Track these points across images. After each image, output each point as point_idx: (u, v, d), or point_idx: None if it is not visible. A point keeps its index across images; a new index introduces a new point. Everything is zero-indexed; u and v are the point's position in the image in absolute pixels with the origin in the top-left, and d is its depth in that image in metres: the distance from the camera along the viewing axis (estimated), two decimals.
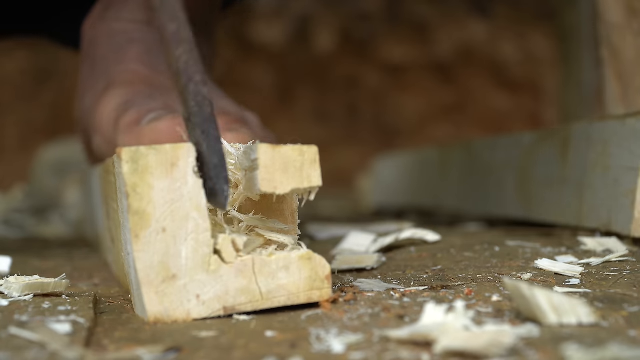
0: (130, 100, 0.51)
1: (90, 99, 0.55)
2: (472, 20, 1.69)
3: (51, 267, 0.54)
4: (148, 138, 0.47)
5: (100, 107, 0.52)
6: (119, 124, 0.49)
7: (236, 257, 0.35)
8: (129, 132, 0.48)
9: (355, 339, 0.30)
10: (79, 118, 0.59)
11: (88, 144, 0.59)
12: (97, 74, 0.56)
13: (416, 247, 0.54)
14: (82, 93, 0.58)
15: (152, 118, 0.48)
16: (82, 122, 0.58)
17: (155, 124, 0.47)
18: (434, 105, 1.70)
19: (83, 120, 0.57)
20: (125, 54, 0.55)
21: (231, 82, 1.54)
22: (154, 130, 0.47)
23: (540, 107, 1.68)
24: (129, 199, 0.34)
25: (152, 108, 0.49)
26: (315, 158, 0.37)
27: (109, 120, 0.51)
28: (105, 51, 0.57)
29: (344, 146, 1.67)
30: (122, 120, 0.49)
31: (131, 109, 0.50)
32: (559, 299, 0.32)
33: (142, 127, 0.47)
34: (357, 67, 1.71)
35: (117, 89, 0.53)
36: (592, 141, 0.54)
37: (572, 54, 0.91)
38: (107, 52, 0.57)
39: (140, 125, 0.48)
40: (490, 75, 1.70)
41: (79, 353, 0.29)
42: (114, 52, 0.56)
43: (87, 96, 0.56)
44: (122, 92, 0.52)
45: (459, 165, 0.79)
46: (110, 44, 0.57)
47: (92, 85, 0.56)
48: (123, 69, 0.54)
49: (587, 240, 0.50)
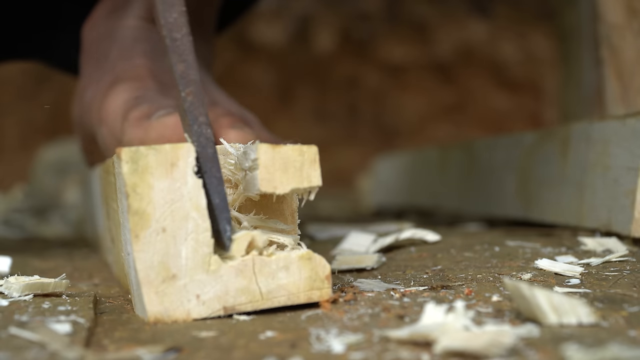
0: (141, 95, 0.51)
1: (93, 94, 0.55)
2: (472, 20, 1.69)
3: (51, 267, 0.54)
4: (156, 132, 0.47)
5: (108, 100, 0.52)
6: (128, 117, 0.49)
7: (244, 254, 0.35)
8: (137, 125, 0.48)
9: (355, 339, 0.30)
10: (77, 117, 0.59)
11: (86, 144, 0.59)
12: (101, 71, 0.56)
13: (416, 247, 0.54)
14: (83, 90, 0.58)
15: (162, 114, 0.48)
16: (83, 119, 0.57)
17: (164, 119, 0.47)
18: (434, 105, 1.70)
19: (84, 116, 0.57)
20: (131, 50, 0.56)
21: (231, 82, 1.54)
22: (162, 125, 0.47)
23: (540, 107, 1.68)
24: (128, 199, 0.34)
25: (163, 105, 0.50)
26: (315, 158, 0.37)
27: (117, 113, 0.51)
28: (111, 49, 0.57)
29: (344, 146, 1.67)
30: (131, 114, 0.49)
31: (142, 104, 0.50)
32: (559, 299, 0.32)
33: (151, 122, 0.48)
34: (357, 67, 1.71)
35: (125, 84, 0.53)
36: (592, 141, 0.54)
37: (572, 54, 0.91)
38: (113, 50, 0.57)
39: (150, 120, 0.48)
40: (490, 75, 1.70)
41: (79, 353, 0.29)
42: (120, 50, 0.56)
43: (88, 92, 0.56)
44: (132, 87, 0.52)
45: (459, 165, 0.79)
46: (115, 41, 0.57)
47: (96, 81, 0.56)
48: (131, 65, 0.54)
49: (587, 241, 0.50)
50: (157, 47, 0.56)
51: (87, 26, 0.61)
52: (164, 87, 0.53)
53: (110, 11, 0.59)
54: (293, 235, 0.38)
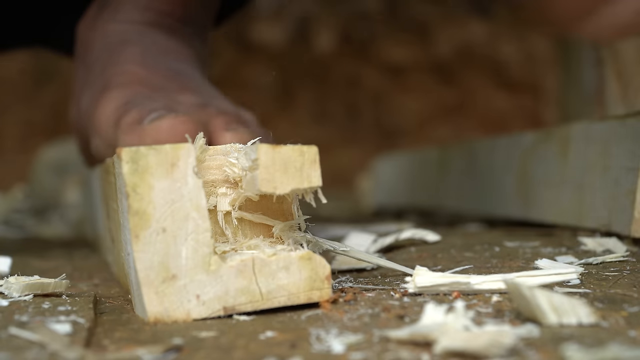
0: (131, 101, 0.51)
1: (87, 101, 0.55)
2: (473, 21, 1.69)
3: (51, 267, 0.54)
4: (150, 137, 0.47)
5: (99, 109, 0.52)
6: (120, 124, 0.49)
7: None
8: (130, 131, 0.48)
9: (355, 339, 0.30)
10: (75, 121, 0.59)
11: (85, 147, 0.59)
12: (92, 76, 0.56)
13: (416, 247, 0.54)
14: (79, 95, 0.58)
15: (154, 117, 0.48)
16: (79, 125, 0.57)
17: (158, 123, 0.47)
18: (434, 106, 1.70)
19: (80, 122, 0.57)
20: (120, 55, 0.55)
21: (231, 82, 1.54)
22: (156, 129, 0.47)
23: (540, 107, 1.68)
24: (129, 199, 0.34)
25: (154, 108, 0.49)
26: (315, 158, 0.37)
27: (109, 121, 0.51)
28: (100, 53, 0.57)
29: (344, 146, 1.67)
30: (123, 120, 0.49)
31: (132, 109, 0.49)
32: (559, 299, 0.32)
33: (144, 127, 0.47)
34: (357, 67, 1.71)
35: (115, 91, 0.52)
36: (592, 141, 0.54)
37: (572, 54, 0.91)
38: (102, 54, 0.56)
39: (142, 125, 0.48)
40: (490, 76, 1.70)
41: (79, 353, 0.29)
42: (109, 54, 0.56)
43: (83, 98, 0.56)
44: (121, 94, 0.52)
45: (459, 165, 0.79)
46: (105, 45, 0.57)
47: (89, 87, 0.56)
48: (119, 71, 0.54)
49: (587, 241, 0.50)
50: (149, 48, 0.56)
51: (81, 26, 0.60)
52: (154, 91, 0.53)
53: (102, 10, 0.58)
54: (293, 235, 0.38)
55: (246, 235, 0.39)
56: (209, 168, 0.38)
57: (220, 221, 0.38)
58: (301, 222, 0.39)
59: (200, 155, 0.37)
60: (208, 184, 0.38)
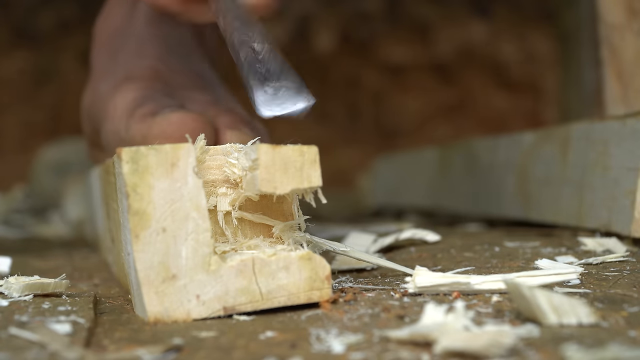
0: (149, 95, 0.52)
1: (106, 87, 0.56)
2: (473, 21, 1.69)
3: (51, 267, 0.54)
4: (158, 128, 0.48)
5: (117, 96, 0.54)
6: (134, 114, 0.50)
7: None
8: (142, 121, 0.49)
9: (355, 339, 0.30)
10: (88, 104, 0.60)
11: (92, 133, 0.60)
12: (116, 64, 0.57)
13: (416, 247, 0.54)
14: (98, 80, 0.59)
15: (167, 111, 0.49)
16: (93, 108, 0.58)
17: (168, 116, 0.48)
18: (434, 106, 1.70)
19: (94, 106, 0.58)
20: (146, 49, 0.57)
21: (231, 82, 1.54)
22: (165, 121, 0.48)
23: (540, 107, 1.68)
24: (129, 199, 0.34)
25: (169, 105, 0.51)
26: (315, 158, 0.37)
27: (125, 110, 0.52)
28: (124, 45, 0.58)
29: (344, 146, 1.67)
30: (137, 111, 0.51)
31: (149, 102, 0.51)
32: (559, 299, 0.32)
33: (155, 118, 0.48)
34: (357, 67, 1.71)
35: (136, 83, 0.54)
36: (592, 141, 0.54)
37: (572, 54, 0.91)
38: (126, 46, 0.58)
39: (154, 117, 0.49)
40: (490, 76, 1.70)
41: (79, 353, 0.29)
42: (133, 47, 0.57)
43: (103, 84, 0.57)
44: (141, 86, 0.53)
45: (459, 165, 0.79)
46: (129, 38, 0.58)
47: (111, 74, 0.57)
48: (143, 65, 0.56)
49: (587, 241, 0.50)
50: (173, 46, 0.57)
51: (101, 19, 0.62)
52: (171, 89, 0.54)
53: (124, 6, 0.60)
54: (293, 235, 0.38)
55: (246, 235, 0.39)
56: (209, 168, 0.38)
57: (220, 221, 0.38)
58: (301, 222, 0.39)
59: (200, 155, 0.37)
60: (208, 184, 0.38)
